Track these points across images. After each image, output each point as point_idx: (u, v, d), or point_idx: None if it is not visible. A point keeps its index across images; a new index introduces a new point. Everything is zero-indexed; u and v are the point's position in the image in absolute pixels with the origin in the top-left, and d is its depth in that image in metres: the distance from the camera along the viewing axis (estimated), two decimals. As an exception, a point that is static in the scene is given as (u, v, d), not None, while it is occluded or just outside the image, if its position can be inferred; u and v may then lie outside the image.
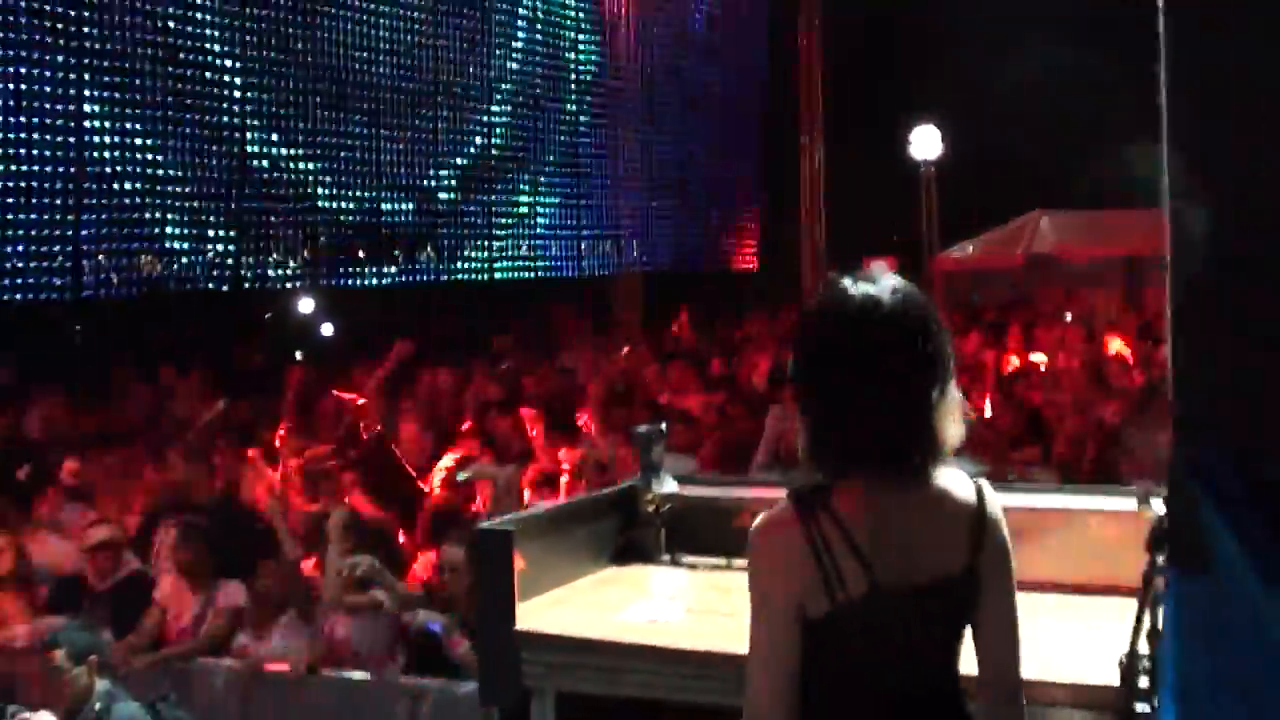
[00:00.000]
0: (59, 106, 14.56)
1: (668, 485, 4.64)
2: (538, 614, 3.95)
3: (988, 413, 10.72)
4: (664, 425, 4.91)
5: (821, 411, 2.70)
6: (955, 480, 2.76)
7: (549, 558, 4.16)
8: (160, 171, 15.52)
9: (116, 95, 15.08)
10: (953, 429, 2.70)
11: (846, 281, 2.73)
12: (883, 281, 2.71)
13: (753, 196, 27.13)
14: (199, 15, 16.01)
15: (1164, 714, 1.63)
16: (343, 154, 17.95)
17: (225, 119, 16.42)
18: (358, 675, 6.98)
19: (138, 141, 15.28)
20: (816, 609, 2.62)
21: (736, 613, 3.10)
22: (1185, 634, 1.64)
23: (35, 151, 14.24)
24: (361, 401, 10.71)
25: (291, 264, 17.88)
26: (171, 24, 15.60)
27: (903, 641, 2.68)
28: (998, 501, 2.80)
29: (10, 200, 13.95)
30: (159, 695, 6.49)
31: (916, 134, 24.66)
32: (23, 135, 14.14)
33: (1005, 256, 23.97)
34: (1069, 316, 18.76)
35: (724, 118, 26.24)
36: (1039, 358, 14.50)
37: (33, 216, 14.25)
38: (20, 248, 14.10)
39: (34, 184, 14.21)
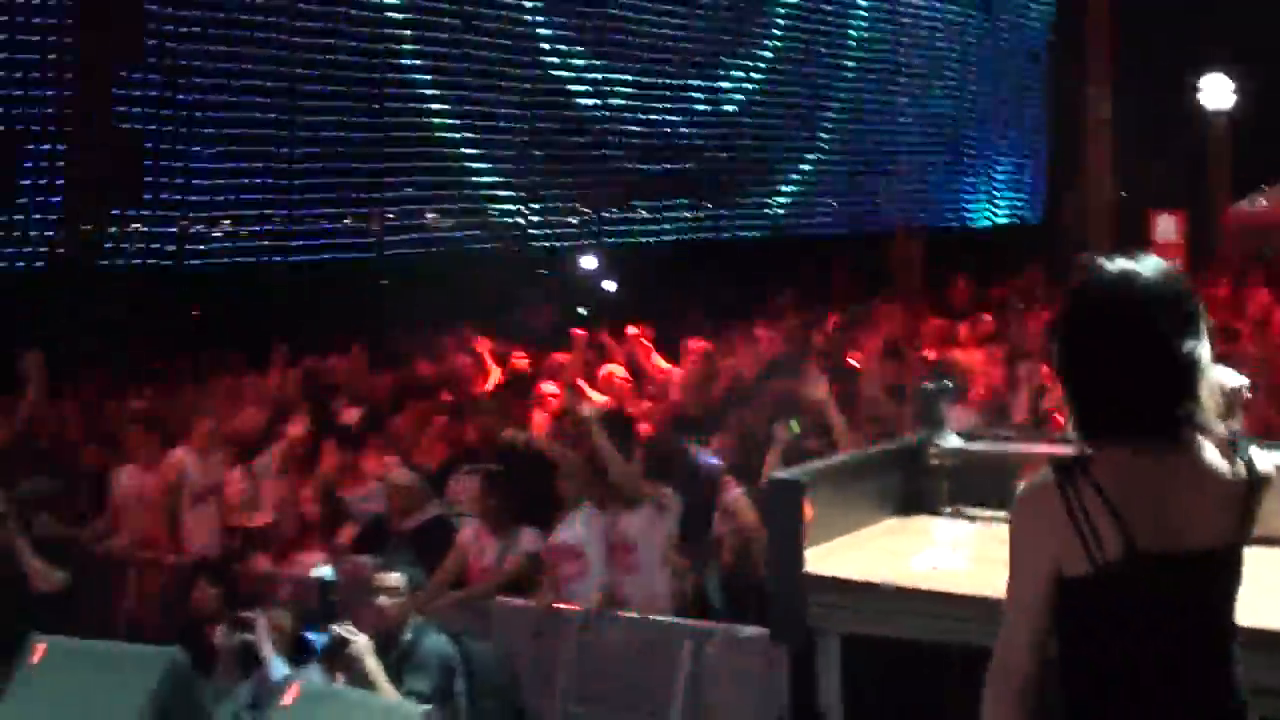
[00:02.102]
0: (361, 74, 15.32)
1: (950, 440, 4.76)
2: (824, 559, 4.13)
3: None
4: (949, 381, 5.04)
5: (1083, 381, 2.78)
6: (1223, 451, 2.77)
7: (835, 507, 4.34)
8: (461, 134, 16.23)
9: (420, 62, 15.80)
10: (1211, 399, 2.75)
11: (1103, 259, 2.81)
12: (1141, 258, 2.79)
13: (1038, 149, 26.59)
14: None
15: None
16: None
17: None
18: (646, 616, 7.26)
19: (436, 106, 15.98)
20: (1074, 569, 2.70)
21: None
22: None
23: (340, 117, 15.03)
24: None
25: (574, 221, 18.41)
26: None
27: (1164, 607, 2.72)
28: (1272, 467, 2.83)
29: (317, 165, 14.75)
30: (462, 629, 6.91)
31: (1206, 82, 23.86)
32: (328, 102, 14.92)
33: (1301, 209, 23.04)
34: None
35: (1007, 67, 25.79)
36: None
37: (335, 180, 15.05)
38: (325, 210, 14.93)
39: (338, 149, 15.00)
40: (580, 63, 17.93)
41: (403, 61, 15.76)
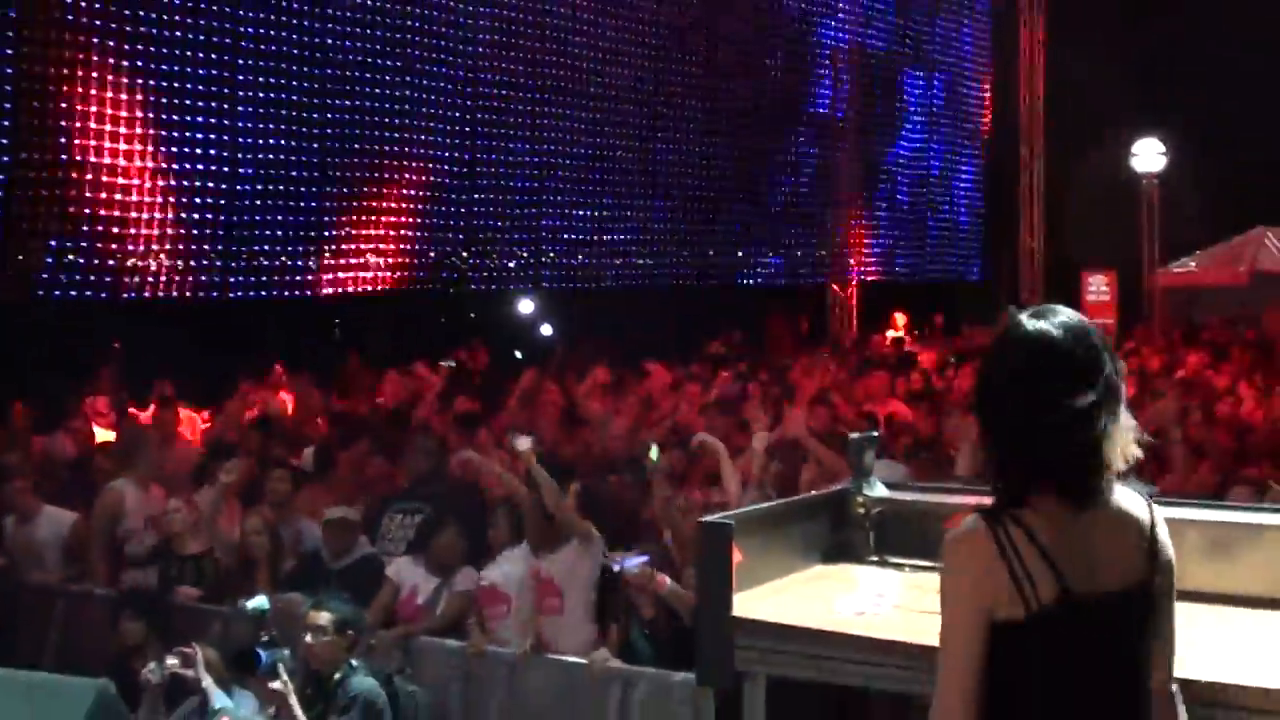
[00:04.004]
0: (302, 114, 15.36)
1: (878, 490, 4.87)
2: (752, 603, 4.20)
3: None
4: (876, 433, 5.15)
5: (1000, 440, 2.92)
6: (1130, 500, 2.96)
7: (764, 552, 4.41)
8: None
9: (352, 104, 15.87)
10: (1122, 453, 2.89)
11: (1023, 317, 2.94)
12: (1057, 317, 2.92)
13: (973, 208, 26.94)
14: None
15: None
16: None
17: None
18: (573, 659, 7.32)
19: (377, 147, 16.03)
20: (1010, 613, 2.82)
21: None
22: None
23: (284, 156, 15.04)
24: None
25: (514, 266, 18.47)
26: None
27: (1095, 646, 2.87)
28: (1164, 522, 3.00)
29: (262, 202, 14.75)
30: (393, 669, 6.93)
31: (1139, 146, 24.31)
32: (268, 141, 14.91)
33: (1229, 273, 23.50)
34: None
35: (945, 128, 26.14)
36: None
37: (283, 218, 15.04)
38: (271, 248, 14.94)
39: (283, 187, 15.00)
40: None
41: (349, 102, 15.80)
